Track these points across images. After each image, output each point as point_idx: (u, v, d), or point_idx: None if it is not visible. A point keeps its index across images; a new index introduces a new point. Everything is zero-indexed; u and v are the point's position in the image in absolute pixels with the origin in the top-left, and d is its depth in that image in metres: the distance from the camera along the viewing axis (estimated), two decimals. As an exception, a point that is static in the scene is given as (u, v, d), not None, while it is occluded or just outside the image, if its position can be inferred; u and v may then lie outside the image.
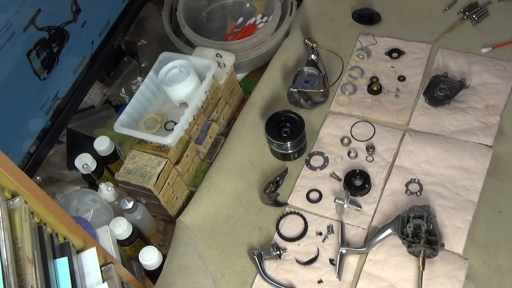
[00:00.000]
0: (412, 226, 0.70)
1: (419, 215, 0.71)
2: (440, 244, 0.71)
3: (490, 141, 0.95)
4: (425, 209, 0.71)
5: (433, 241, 0.69)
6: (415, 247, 0.74)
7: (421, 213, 0.71)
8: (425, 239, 0.68)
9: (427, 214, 0.69)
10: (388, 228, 0.73)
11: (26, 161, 0.89)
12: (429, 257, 0.79)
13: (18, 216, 0.55)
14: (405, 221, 0.72)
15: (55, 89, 0.93)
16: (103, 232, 0.80)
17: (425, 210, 0.71)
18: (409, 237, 0.70)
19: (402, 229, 0.71)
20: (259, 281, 0.88)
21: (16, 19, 0.81)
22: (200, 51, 1.04)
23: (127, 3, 1.09)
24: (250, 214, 0.96)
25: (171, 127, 0.93)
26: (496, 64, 1.04)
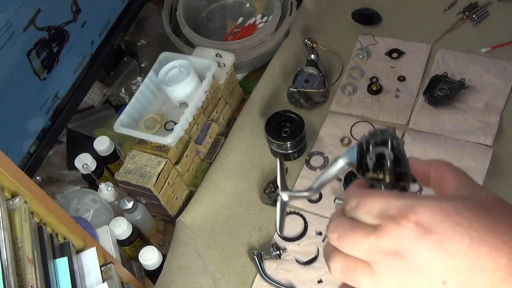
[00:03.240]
0: (374, 156, 0.46)
1: (381, 140, 0.46)
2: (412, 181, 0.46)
3: (490, 141, 0.95)
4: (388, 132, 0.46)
5: (402, 176, 0.45)
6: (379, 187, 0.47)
7: (384, 138, 0.46)
8: (392, 174, 0.44)
9: (393, 139, 0.45)
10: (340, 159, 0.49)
11: (26, 161, 0.89)
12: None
13: (18, 216, 0.55)
14: (364, 151, 0.48)
15: (55, 89, 0.93)
16: (103, 232, 0.80)
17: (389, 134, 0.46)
18: (369, 171, 0.46)
19: (360, 161, 0.48)
20: (259, 281, 0.88)
21: (16, 19, 0.81)
22: (200, 51, 1.04)
23: (127, 3, 1.09)
24: (250, 214, 0.96)
25: (171, 127, 0.93)
26: (496, 64, 1.04)
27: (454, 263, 0.32)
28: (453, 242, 0.32)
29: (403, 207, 0.34)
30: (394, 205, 0.35)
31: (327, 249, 0.39)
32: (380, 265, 0.34)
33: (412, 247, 0.33)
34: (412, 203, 0.34)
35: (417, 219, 0.33)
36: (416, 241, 0.33)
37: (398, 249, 0.33)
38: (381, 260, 0.34)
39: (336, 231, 0.37)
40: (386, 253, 0.34)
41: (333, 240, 0.37)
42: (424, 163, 0.40)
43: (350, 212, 0.38)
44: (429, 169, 0.40)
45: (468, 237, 0.32)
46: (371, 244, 0.34)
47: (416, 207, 0.34)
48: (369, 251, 0.35)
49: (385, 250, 0.34)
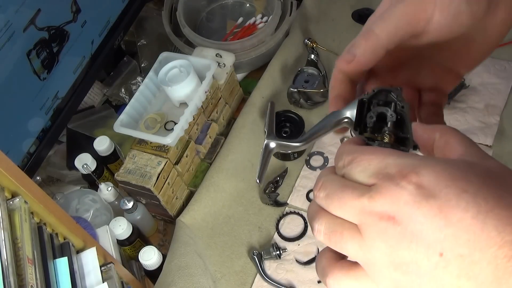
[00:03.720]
0: (375, 116, 0.41)
1: (385, 101, 0.42)
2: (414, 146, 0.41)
3: (490, 141, 0.95)
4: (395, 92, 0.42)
5: (403, 140, 0.41)
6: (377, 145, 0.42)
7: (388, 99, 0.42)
8: (392, 137, 0.40)
9: (397, 101, 0.41)
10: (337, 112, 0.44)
11: (26, 161, 0.89)
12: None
13: (18, 216, 0.55)
14: (364, 108, 0.43)
15: (55, 89, 0.93)
16: (103, 232, 0.80)
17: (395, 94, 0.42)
18: (367, 131, 0.42)
19: (359, 118, 0.43)
20: (259, 281, 0.88)
21: (16, 19, 0.81)
22: (200, 51, 1.04)
23: (127, 3, 1.09)
24: (250, 214, 0.96)
25: (171, 127, 0.93)
26: (496, 64, 1.04)
27: (455, 234, 0.28)
28: (457, 211, 0.28)
29: (404, 166, 0.31)
30: (394, 163, 0.31)
31: (311, 208, 0.35)
32: (371, 229, 0.31)
33: (409, 211, 0.29)
34: (414, 163, 0.31)
35: (419, 180, 0.30)
36: (415, 205, 0.29)
37: (394, 213, 0.30)
38: (373, 224, 0.31)
39: (324, 190, 0.34)
40: (379, 216, 0.30)
41: (320, 199, 0.34)
42: (429, 128, 0.36)
43: (342, 169, 0.34)
44: (434, 134, 0.35)
45: (475, 206, 0.28)
46: (363, 206, 0.31)
47: (418, 168, 0.30)
48: (360, 213, 0.31)
49: (379, 213, 0.30)
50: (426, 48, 0.43)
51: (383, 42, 0.40)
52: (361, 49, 0.41)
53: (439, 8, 0.39)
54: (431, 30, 0.40)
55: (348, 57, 0.41)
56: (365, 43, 0.40)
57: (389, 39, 0.40)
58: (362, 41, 0.41)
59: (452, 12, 0.39)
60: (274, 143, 0.47)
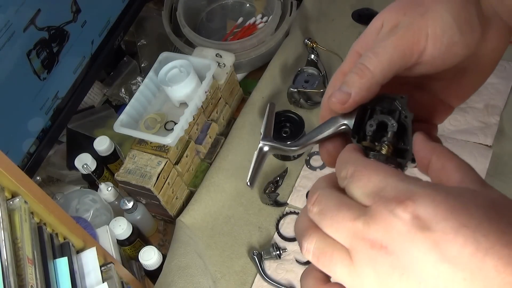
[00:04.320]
0: (375, 124, 0.40)
1: (388, 109, 0.41)
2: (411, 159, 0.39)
3: (490, 141, 0.95)
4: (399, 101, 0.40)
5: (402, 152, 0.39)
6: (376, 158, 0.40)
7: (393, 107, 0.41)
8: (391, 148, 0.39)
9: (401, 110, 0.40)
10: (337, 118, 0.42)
11: (26, 161, 0.89)
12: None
13: (18, 216, 0.55)
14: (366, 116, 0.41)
15: (55, 89, 0.93)
16: (103, 232, 0.80)
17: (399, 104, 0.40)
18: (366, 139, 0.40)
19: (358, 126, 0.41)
20: (259, 281, 0.88)
21: (16, 19, 0.81)
22: (200, 51, 1.04)
23: (127, 3, 1.09)
24: (250, 214, 0.96)
25: (171, 127, 0.93)
26: (496, 64, 1.04)
27: (450, 271, 0.27)
28: (454, 246, 0.27)
29: (403, 191, 0.29)
30: (393, 185, 0.30)
31: (301, 223, 0.34)
32: (362, 256, 0.29)
33: (403, 242, 0.28)
34: (414, 189, 0.29)
35: (415, 210, 0.28)
36: (409, 236, 0.28)
37: (386, 242, 0.28)
38: (364, 251, 0.29)
39: (318, 204, 0.32)
40: (371, 244, 0.29)
41: (312, 214, 0.32)
42: (427, 147, 0.34)
43: (344, 180, 0.33)
44: (431, 155, 0.34)
45: (474, 242, 0.26)
46: (357, 230, 0.29)
47: (417, 195, 0.28)
48: (352, 236, 0.30)
49: (371, 240, 0.29)
50: (417, 78, 0.42)
51: (378, 79, 0.38)
52: (356, 88, 0.39)
53: (431, 39, 0.38)
54: (424, 62, 0.39)
55: (342, 98, 0.39)
56: (360, 80, 0.38)
57: (384, 75, 0.38)
58: (356, 79, 0.39)
59: (445, 43, 0.38)
60: (268, 146, 0.45)
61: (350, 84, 0.39)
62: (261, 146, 0.45)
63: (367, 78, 0.38)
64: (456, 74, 0.42)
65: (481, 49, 0.40)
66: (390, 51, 0.38)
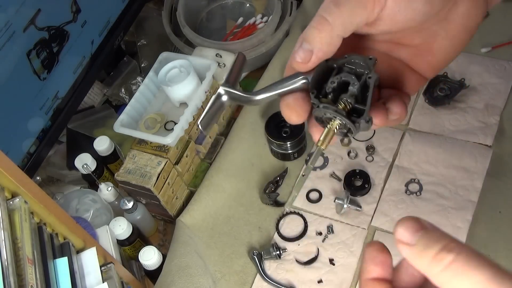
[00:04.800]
0: (337, 82, 0.38)
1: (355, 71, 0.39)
2: (366, 119, 0.38)
3: (490, 141, 0.95)
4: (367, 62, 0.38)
5: (358, 111, 0.38)
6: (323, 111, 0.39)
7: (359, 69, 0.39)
8: (348, 106, 0.38)
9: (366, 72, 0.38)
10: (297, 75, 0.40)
11: (26, 161, 0.89)
12: (344, 134, 0.42)
13: (18, 216, 0.55)
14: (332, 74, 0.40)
15: (55, 89, 0.93)
16: (103, 232, 0.80)
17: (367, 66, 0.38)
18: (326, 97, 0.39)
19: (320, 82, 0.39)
20: (259, 281, 0.88)
21: (16, 19, 0.81)
22: (200, 51, 1.04)
23: (127, 3, 1.09)
24: (250, 214, 0.96)
25: (171, 127, 0.93)
26: (496, 64, 1.04)
27: None
28: None
29: None
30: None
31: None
32: None
33: None
34: None
35: None
36: None
37: None
38: None
39: None
40: None
41: None
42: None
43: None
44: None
45: None
46: None
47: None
48: None
49: None
50: (383, 41, 0.41)
51: (338, 32, 0.37)
52: (316, 43, 0.37)
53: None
54: (385, 17, 0.38)
55: (305, 56, 0.37)
56: (319, 35, 0.37)
57: (345, 27, 0.37)
58: (315, 33, 0.37)
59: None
60: (226, 92, 0.44)
61: (310, 40, 0.37)
62: (219, 90, 0.44)
63: (327, 31, 0.37)
64: (425, 40, 0.41)
65: (451, 13, 0.39)
66: (351, 2, 0.37)
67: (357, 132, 0.39)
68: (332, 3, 0.37)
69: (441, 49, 0.41)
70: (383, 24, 0.38)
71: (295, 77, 0.40)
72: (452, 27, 0.40)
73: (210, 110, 0.43)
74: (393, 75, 0.42)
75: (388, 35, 0.41)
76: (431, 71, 0.43)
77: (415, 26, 0.39)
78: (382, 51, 0.42)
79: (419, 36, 0.40)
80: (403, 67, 0.43)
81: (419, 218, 0.31)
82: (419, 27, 0.39)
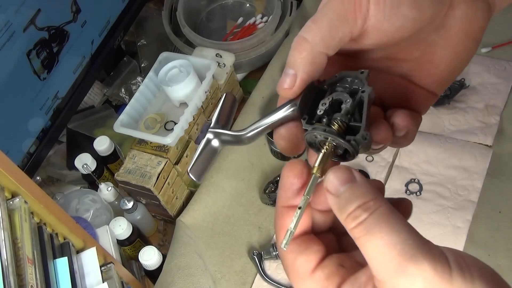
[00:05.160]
0: (328, 102, 0.35)
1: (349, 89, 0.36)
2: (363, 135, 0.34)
3: (490, 141, 0.95)
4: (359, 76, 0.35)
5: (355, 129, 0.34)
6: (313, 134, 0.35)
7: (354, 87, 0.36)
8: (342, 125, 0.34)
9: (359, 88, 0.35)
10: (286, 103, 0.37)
11: (26, 161, 0.89)
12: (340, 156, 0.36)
13: (18, 216, 0.55)
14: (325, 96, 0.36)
15: (55, 89, 0.93)
16: (103, 232, 0.80)
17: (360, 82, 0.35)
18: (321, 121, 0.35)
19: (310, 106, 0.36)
20: (259, 281, 0.88)
21: (16, 19, 0.81)
22: (200, 51, 1.04)
23: (127, 3, 1.09)
24: (250, 214, 0.96)
25: (171, 127, 0.93)
26: (496, 64, 1.04)
27: None
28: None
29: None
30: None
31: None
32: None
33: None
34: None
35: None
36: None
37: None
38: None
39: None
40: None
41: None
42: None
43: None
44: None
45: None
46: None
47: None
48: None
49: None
50: (379, 59, 0.38)
51: (320, 48, 0.34)
52: (299, 65, 0.34)
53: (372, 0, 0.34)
54: (370, 28, 0.35)
55: (289, 81, 0.35)
56: (300, 56, 0.34)
57: (326, 43, 0.34)
58: (296, 55, 0.34)
59: (388, 2, 0.34)
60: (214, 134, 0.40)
61: (291, 63, 0.35)
62: (208, 135, 0.41)
63: (307, 50, 0.34)
64: (424, 51, 0.37)
65: (448, 18, 0.36)
66: (329, 15, 0.34)
67: (356, 152, 0.34)
68: (311, 21, 0.34)
69: (442, 60, 0.38)
70: (371, 37, 0.35)
71: (284, 106, 0.37)
72: (452, 35, 0.36)
73: (201, 157, 0.40)
74: (397, 93, 0.39)
75: (383, 51, 0.38)
76: (437, 85, 0.39)
77: (408, 36, 0.36)
78: (380, 69, 0.39)
79: (417, 48, 0.37)
80: (406, 83, 0.39)
81: (352, 169, 0.31)
82: (415, 38, 0.36)
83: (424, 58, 0.38)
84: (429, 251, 0.27)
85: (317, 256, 0.32)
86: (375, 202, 0.29)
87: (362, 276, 0.30)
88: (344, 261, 0.32)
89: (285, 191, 0.34)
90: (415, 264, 0.27)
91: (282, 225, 0.34)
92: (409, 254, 0.27)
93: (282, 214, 0.34)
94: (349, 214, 0.29)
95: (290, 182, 0.34)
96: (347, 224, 0.29)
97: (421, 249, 0.27)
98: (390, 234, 0.28)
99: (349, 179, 0.30)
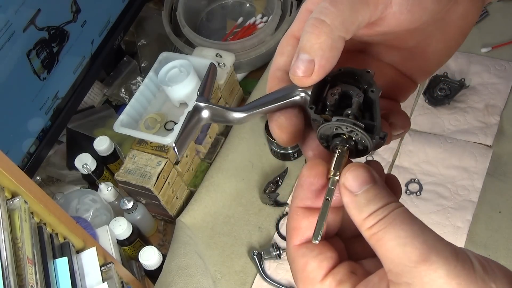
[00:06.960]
0: (338, 94, 0.33)
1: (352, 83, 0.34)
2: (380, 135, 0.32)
3: (490, 141, 0.95)
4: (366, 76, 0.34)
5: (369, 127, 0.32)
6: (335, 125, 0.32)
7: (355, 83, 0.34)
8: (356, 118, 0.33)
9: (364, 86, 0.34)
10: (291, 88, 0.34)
11: (26, 161, 0.89)
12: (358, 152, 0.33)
13: (18, 216, 0.55)
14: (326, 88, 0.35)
15: (55, 89, 0.93)
16: (103, 232, 0.80)
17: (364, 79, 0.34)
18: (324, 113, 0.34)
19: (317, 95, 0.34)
20: (259, 281, 0.88)
21: (16, 19, 0.81)
22: (200, 51, 1.04)
23: (127, 3, 1.09)
24: (250, 214, 0.96)
25: (171, 127, 0.93)
26: (496, 64, 1.04)
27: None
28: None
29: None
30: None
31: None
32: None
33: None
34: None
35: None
36: None
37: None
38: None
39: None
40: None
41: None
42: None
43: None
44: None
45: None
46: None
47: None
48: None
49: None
50: (374, 44, 0.37)
51: (340, 33, 0.31)
52: (316, 51, 0.31)
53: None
54: (389, 16, 0.32)
55: (306, 68, 0.31)
56: (318, 40, 0.31)
57: (346, 27, 0.31)
58: (313, 40, 0.31)
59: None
60: (205, 106, 0.36)
61: (307, 48, 0.31)
62: (197, 104, 0.36)
63: (326, 34, 0.31)
64: (419, 42, 0.37)
65: (449, 13, 0.35)
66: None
67: (373, 150, 0.33)
68: (328, 3, 0.31)
69: (435, 53, 0.37)
70: (385, 24, 0.33)
71: (290, 91, 0.34)
72: (448, 29, 0.36)
73: (186, 126, 0.36)
74: (383, 82, 0.37)
75: (381, 36, 0.36)
76: (422, 76, 0.39)
77: (415, 27, 0.35)
78: (373, 55, 0.38)
79: (413, 37, 0.36)
80: (393, 72, 0.38)
81: (372, 169, 0.30)
82: (413, 28, 0.35)
83: (418, 49, 0.37)
84: (450, 245, 0.27)
85: (330, 263, 0.31)
86: (396, 203, 0.29)
87: (374, 278, 0.29)
88: (355, 269, 0.31)
89: (303, 190, 0.32)
90: (437, 253, 0.27)
91: (296, 226, 0.32)
92: (431, 244, 0.27)
93: (297, 215, 0.32)
94: (370, 214, 0.29)
95: (309, 182, 0.32)
96: (365, 223, 0.29)
97: (442, 241, 0.27)
98: (411, 225, 0.28)
99: (370, 180, 0.30)
